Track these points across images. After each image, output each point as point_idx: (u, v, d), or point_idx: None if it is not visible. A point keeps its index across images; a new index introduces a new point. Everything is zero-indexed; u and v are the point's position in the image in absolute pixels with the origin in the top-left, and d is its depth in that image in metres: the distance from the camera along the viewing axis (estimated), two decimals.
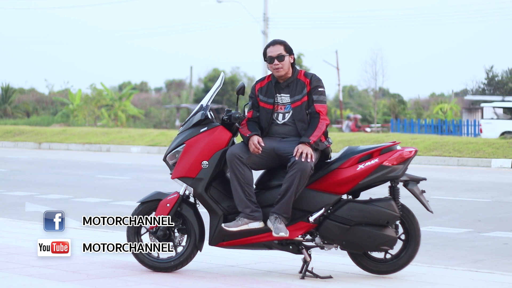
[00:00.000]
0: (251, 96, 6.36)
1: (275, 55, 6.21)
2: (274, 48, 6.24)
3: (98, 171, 17.40)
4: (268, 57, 6.24)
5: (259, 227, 6.06)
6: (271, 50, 6.24)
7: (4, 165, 19.14)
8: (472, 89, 43.45)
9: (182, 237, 6.30)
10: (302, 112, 6.18)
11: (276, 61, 6.19)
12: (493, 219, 10.00)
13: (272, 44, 6.27)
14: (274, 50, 6.23)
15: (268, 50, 6.26)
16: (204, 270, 6.30)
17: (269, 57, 6.23)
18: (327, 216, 6.09)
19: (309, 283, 5.87)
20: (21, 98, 53.78)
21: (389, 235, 6.03)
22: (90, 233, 8.28)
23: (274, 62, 6.20)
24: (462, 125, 33.19)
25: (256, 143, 6.06)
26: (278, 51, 6.22)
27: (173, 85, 69.24)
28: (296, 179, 5.92)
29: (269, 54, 6.24)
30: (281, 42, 6.27)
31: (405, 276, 6.17)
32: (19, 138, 30.48)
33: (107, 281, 5.85)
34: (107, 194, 12.67)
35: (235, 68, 61.38)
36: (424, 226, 8.66)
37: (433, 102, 54.46)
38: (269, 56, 6.22)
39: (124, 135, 28.81)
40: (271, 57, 6.21)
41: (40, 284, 5.72)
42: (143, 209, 6.33)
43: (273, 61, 6.20)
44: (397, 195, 6.13)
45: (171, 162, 6.30)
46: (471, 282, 6.00)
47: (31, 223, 9.12)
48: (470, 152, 20.39)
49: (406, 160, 6.12)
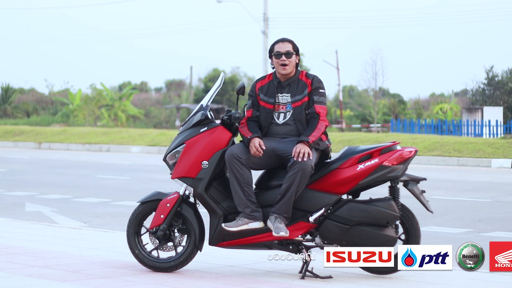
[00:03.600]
0: (251, 94, 6.35)
1: (284, 51, 6.21)
2: (284, 44, 6.25)
3: (98, 171, 17.40)
4: (275, 52, 6.23)
5: (259, 227, 6.07)
6: (280, 46, 6.24)
7: (4, 165, 19.14)
8: (472, 89, 43.43)
9: (182, 237, 6.30)
10: (302, 112, 6.18)
11: (284, 56, 6.20)
12: (493, 219, 10.00)
13: (282, 41, 6.28)
14: (283, 47, 6.23)
15: (277, 46, 6.26)
16: (204, 270, 6.30)
17: (277, 52, 6.22)
18: (327, 216, 6.09)
19: (309, 283, 5.87)
20: (21, 98, 53.78)
21: (389, 235, 6.03)
22: (90, 233, 8.28)
23: (282, 58, 6.19)
24: (462, 125, 33.17)
25: (258, 146, 6.06)
26: (287, 48, 6.22)
27: (173, 85, 69.23)
28: (296, 179, 5.92)
29: (277, 49, 6.23)
30: (290, 40, 6.28)
31: (405, 276, 6.17)
32: (19, 138, 30.48)
33: (107, 281, 5.85)
34: (107, 194, 12.67)
35: (235, 68, 61.42)
36: (424, 226, 8.66)
37: (433, 102, 54.46)
38: (277, 51, 6.22)
39: (124, 135, 28.81)
40: (279, 52, 6.21)
41: (40, 284, 5.72)
42: (143, 209, 6.33)
43: (280, 56, 6.20)
44: (397, 195, 6.14)
45: (171, 162, 6.30)
46: (471, 282, 6.01)
47: (31, 223, 9.12)
48: (470, 152, 20.39)
49: (406, 160, 6.13)
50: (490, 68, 42.23)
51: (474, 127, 32.34)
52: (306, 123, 6.17)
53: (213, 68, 56.63)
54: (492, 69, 42.17)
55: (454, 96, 52.98)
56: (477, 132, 32.10)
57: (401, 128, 35.13)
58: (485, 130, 31.61)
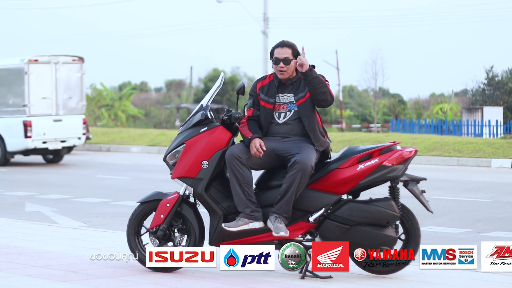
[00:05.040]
0: (252, 94, 6.35)
1: (282, 57, 6.20)
2: (283, 50, 6.23)
3: (98, 171, 17.40)
4: (274, 58, 6.23)
5: (259, 227, 6.07)
6: (279, 51, 6.23)
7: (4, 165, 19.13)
8: (472, 89, 43.43)
9: (182, 237, 6.30)
10: (308, 107, 6.17)
11: (281, 63, 6.19)
12: (493, 219, 10.00)
13: (281, 46, 6.25)
14: (281, 52, 6.22)
15: (276, 51, 6.25)
16: (204, 270, 6.30)
17: (275, 58, 6.22)
18: (327, 216, 6.09)
19: (309, 283, 5.87)
20: None
21: (389, 235, 6.03)
22: (90, 233, 8.28)
23: (280, 64, 6.19)
24: (462, 125, 33.15)
25: (258, 147, 6.06)
26: (285, 54, 6.21)
27: (173, 85, 69.21)
28: (296, 179, 5.93)
29: (276, 55, 6.23)
30: (290, 45, 6.25)
31: (405, 276, 6.17)
32: None
33: (107, 281, 5.85)
34: (107, 194, 12.68)
35: (235, 68, 61.44)
36: (424, 226, 8.66)
37: (433, 102, 54.44)
38: (276, 57, 6.22)
39: (124, 135, 28.80)
40: (277, 58, 6.21)
41: (40, 284, 5.72)
42: (143, 209, 6.33)
43: (279, 62, 6.20)
44: (397, 195, 6.14)
45: (171, 162, 6.30)
46: (471, 282, 6.01)
47: (31, 223, 9.12)
48: (470, 152, 20.38)
49: (406, 160, 6.13)
50: (490, 68, 42.23)
51: (474, 127, 32.33)
52: (314, 118, 6.16)
53: (213, 68, 56.64)
54: (492, 69, 42.17)
55: (454, 96, 52.97)
56: (477, 132, 32.08)
57: (401, 128, 35.12)
58: (485, 130, 31.59)
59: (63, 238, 7.90)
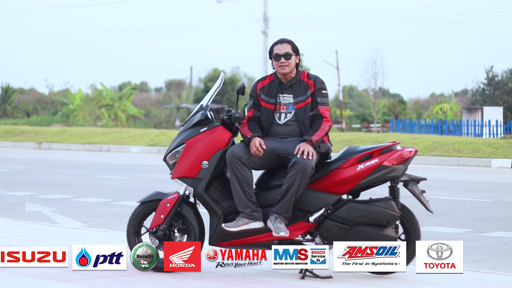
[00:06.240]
0: (252, 95, 6.35)
1: (283, 53, 6.21)
2: (282, 46, 6.24)
3: (98, 171, 17.40)
4: (274, 54, 6.23)
5: (259, 227, 6.07)
6: (278, 47, 6.24)
7: (4, 165, 19.14)
8: (472, 89, 43.42)
9: (182, 237, 6.30)
10: (305, 114, 6.18)
11: (283, 58, 6.20)
12: (493, 219, 10.00)
13: (280, 42, 6.27)
14: (281, 48, 6.23)
15: (276, 47, 6.26)
16: (204, 270, 6.30)
17: (275, 54, 6.23)
18: (327, 216, 6.09)
19: (309, 283, 5.87)
20: (21, 98, 53.76)
21: (389, 235, 6.03)
22: (90, 233, 8.28)
23: (281, 60, 6.20)
24: (462, 125, 33.15)
25: (258, 146, 6.06)
26: (285, 49, 6.22)
27: (173, 85, 69.21)
28: (297, 179, 5.93)
29: (276, 51, 6.23)
30: (289, 41, 6.28)
31: (405, 276, 6.17)
32: (19, 138, 30.48)
33: (107, 281, 5.85)
34: (107, 194, 12.68)
35: (235, 68, 61.39)
36: (424, 226, 8.66)
37: (433, 102, 54.44)
38: (276, 53, 6.22)
39: (124, 135, 28.81)
40: (278, 54, 6.21)
41: (40, 284, 5.72)
42: (143, 209, 6.33)
43: (279, 58, 6.20)
44: (397, 195, 6.14)
45: (171, 162, 6.30)
46: (471, 282, 6.00)
47: (31, 223, 9.12)
48: (470, 152, 20.38)
49: (406, 160, 6.13)
50: (490, 68, 42.23)
51: (474, 127, 32.33)
52: (309, 125, 6.18)
53: (213, 68, 56.60)
54: (492, 69, 42.17)
55: (454, 96, 52.97)
56: (477, 132, 32.09)
57: (401, 128, 35.11)
58: (485, 130, 31.60)
59: (63, 238, 7.90)
